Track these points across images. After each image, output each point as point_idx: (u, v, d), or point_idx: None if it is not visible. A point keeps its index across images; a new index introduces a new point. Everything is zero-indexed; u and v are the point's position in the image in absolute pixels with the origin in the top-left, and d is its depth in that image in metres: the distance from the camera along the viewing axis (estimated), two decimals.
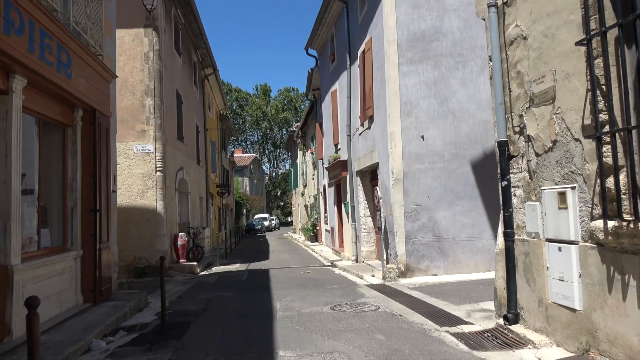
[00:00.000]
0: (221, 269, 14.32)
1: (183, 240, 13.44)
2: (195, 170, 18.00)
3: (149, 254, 12.67)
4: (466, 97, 9.86)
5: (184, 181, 15.76)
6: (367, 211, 13.07)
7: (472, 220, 9.74)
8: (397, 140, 9.71)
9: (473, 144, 9.82)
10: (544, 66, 4.76)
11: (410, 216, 9.65)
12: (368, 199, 13.10)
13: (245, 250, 22.56)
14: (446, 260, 9.67)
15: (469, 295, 7.50)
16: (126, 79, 12.92)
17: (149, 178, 12.80)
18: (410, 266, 9.61)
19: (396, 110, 9.75)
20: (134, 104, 12.91)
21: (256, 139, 69.69)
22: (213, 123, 26.44)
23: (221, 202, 28.61)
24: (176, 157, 14.52)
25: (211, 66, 21.52)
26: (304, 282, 10.07)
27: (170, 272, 12.66)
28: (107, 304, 7.57)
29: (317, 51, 19.60)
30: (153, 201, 12.77)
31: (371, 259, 12.92)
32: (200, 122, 20.25)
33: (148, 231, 12.70)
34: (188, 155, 16.65)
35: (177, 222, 14.23)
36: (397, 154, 9.70)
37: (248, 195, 53.20)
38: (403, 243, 9.62)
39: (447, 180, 9.74)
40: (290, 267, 13.60)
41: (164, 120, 13.12)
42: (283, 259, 16.67)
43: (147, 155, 12.86)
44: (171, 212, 13.54)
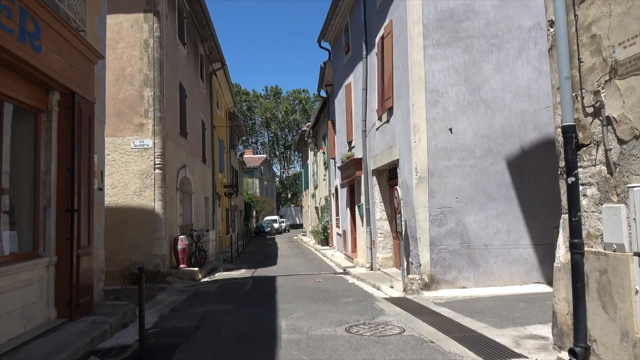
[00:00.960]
0: (225, 275, 13.24)
1: (183, 244, 12.39)
2: (200, 169, 16.98)
3: (146, 258, 11.63)
4: (501, 84, 8.66)
5: (186, 180, 14.73)
6: (383, 214, 11.90)
7: (507, 226, 8.53)
8: (422, 133, 8.55)
9: (509, 137, 8.61)
10: (636, 23, 3.58)
11: (436, 220, 8.47)
12: (385, 201, 11.93)
13: (253, 254, 21.49)
14: (477, 271, 8.46)
15: (511, 316, 6.30)
16: (124, 68, 11.93)
17: (147, 176, 11.77)
18: (436, 277, 8.43)
19: (421, 99, 8.59)
20: (131, 95, 11.91)
21: (266, 140, 68.85)
22: (221, 121, 25.47)
23: (229, 204, 27.61)
24: (178, 154, 13.50)
25: (219, 60, 20.53)
26: (314, 293, 8.93)
27: (168, 279, 11.61)
28: (85, 320, 6.51)
29: (331, 43, 18.50)
30: (151, 201, 11.74)
31: (388, 266, 11.74)
32: (207, 118, 19.25)
33: (145, 234, 11.67)
34: (192, 152, 15.62)
35: (178, 224, 13.19)
36: (422, 149, 8.53)
37: (258, 197, 52.23)
38: (427, 251, 8.43)
39: (478, 179, 8.55)
40: (299, 275, 12.47)
41: (164, 113, 12.10)
42: (292, 264, 15.56)
43: (145, 150, 11.83)
44: (171, 213, 12.50)
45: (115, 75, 11.92)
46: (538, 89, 8.61)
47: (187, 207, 15.13)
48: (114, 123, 11.86)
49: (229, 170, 28.24)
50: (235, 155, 32.92)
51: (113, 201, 11.70)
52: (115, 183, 11.75)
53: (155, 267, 11.64)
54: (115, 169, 11.78)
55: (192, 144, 15.72)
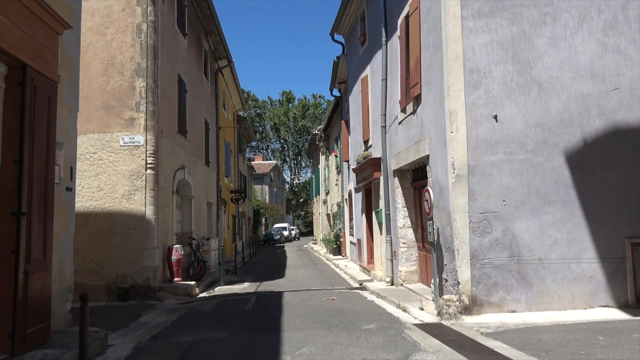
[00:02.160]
0: (225, 289, 11.73)
1: (179, 254, 10.92)
2: (202, 172, 15.57)
3: (135, 270, 10.19)
4: (557, 61, 7.10)
5: (185, 183, 13.30)
6: (407, 221, 10.33)
7: (567, 235, 6.92)
8: (460, 121, 7.00)
9: (567, 126, 7.03)
10: None
11: (478, 228, 6.90)
12: (409, 206, 10.36)
13: (260, 263, 19.98)
14: (529, 290, 6.85)
15: (593, 357, 4.70)
16: (114, 56, 10.57)
17: (138, 177, 10.36)
18: (478, 298, 6.84)
19: (458, 80, 7.06)
20: (122, 87, 10.54)
21: (277, 146, 67.62)
22: (228, 123, 24.12)
23: (236, 210, 26.19)
24: (175, 153, 12.08)
25: (225, 57, 19.22)
26: (327, 317, 7.38)
27: (160, 295, 10.13)
28: (33, 356, 5.04)
29: (344, 36, 17.05)
30: (141, 205, 10.31)
31: (412, 281, 10.16)
32: (211, 118, 17.88)
33: (134, 242, 10.23)
34: (193, 153, 14.22)
35: (174, 231, 11.74)
36: (460, 141, 6.99)
37: (267, 204, 50.81)
38: (467, 265, 6.85)
39: (530, 178, 6.97)
40: (309, 290, 10.92)
41: (158, 106, 10.70)
42: (301, 277, 14.01)
43: (135, 148, 10.43)
44: (165, 218, 11.06)
45: (103, 64, 10.57)
46: (603, 67, 7.03)
47: (186, 213, 13.70)
48: (101, 118, 10.51)
49: (236, 175, 26.85)
50: (244, 160, 31.54)
51: (99, 205, 10.30)
52: (101, 185, 10.35)
53: (145, 280, 10.18)
54: (102, 170, 10.39)
55: (193, 144, 14.32)
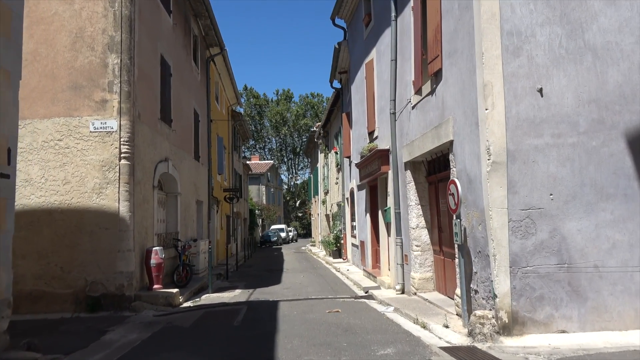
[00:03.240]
0: (214, 297, 10.34)
1: (158, 258, 9.53)
2: (190, 167, 14.19)
3: (106, 277, 8.81)
4: (616, 23, 5.76)
5: (170, 178, 11.92)
6: (420, 220, 8.98)
7: (630, 237, 5.58)
8: (497, 96, 5.66)
9: (630, 103, 5.69)
10: None
11: (520, 228, 5.55)
12: (423, 203, 9.01)
13: (255, 267, 18.59)
14: (583, 305, 5.51)
15: None
16: (83, 28, 9.19)
17: (110, 168, 8.98)
18: (520, 315, 5.48)
19: (494, 45, 5.72)
20: (92, 63, 9.16)
21: (275, 146, 66.20)
22: (222, 117, 22.74)
23: (231, 210, 24.80)
24: (157, 143, 10.70)
25: (217, 45, 17.85)
26: (332, 337, 6.01)
27: (136, 305, 8.75)
28: None
29: (346, 21, 15.71)
30: (114, 201, 8.93)
31: (427, 290, 8.80)
32: (201, 109, 16.50)
33: (106, 244, 8.85)
34: (179, 145, 12.84)
35: (155, 231, 10.36)
36: (497, 119, 5.64)
37: (264, 205, 49.41)
38: (506, 274, 5.50)
39: (583, 166, 5.63)
40: (309, 299, 9.54)
41: (135, 87, 9.33)
42: (300, 282, 12.63)
43: (108, 135, 9.05)
44: (143, 217, 9.67)
45: (71, 37, 9.19)
46: None
47: (171, 211, 12.33)
48: (68, 99, 9.12)
49: (231, 173, 25.47)
50: (239, 158, 30.13)
51: (65, 201, 8.91)
52: (68, 177, 8.97)
53: (119, 288, 8.80)
54: (68, 159, 9.00)
55: (180, 135, 12.95)
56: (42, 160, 8.98)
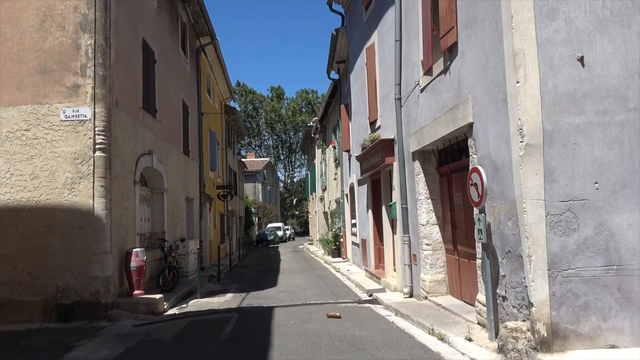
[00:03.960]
0: (202, 303, 9.39)
1: (139, 260, 8.58)
2: (179, 162, 13.24)
3: (80, 282, 7.87)
4: None
5: (155, 173, 10.97)
6: (431, 216, 8.07)
7: None
8: (530, 66, 4.74)
9: None
10: None
11: (559, 223, 4.64)
12: (433, 197, 8.10)
13: (250, 267, 17.64)
14: (637, 315, 4.60)
15: None
16: (52, 5, 8.23)
17: (84, 161, 8.03)
18: (561, 328, 4.57)
19: (525, 7, 4.79)
20: (63, 45, 8.20)
21: (271, 143, 65.15)
22: (215, 112, 21.78)
23: (225, 208, 23.83)
24: (138, 135, 9.74)
25: (208, 34, 16.89)
26: (335, 354, 5.10)
27: (112, 314, 7.80)
28: None
29: (344, 6, 14.79)
30: (89, 197, 7.98)
31: (439, 293, 7.89)
32: (191, 101, 15.54)
33: (80, 246, 7.91)
34: (166, 138, 11.89)
35: (135, 231, 9.40)
36: (531, 94, 4.72)
37: (260, 203, 48.43)
38: (544, 278, 4.59)
39: (635, 149, 4.72)
40: (307, 305, 8.62)
41: (111, 71, 8.38)
42: (297, 285, 11.70)
43: (81, 124, 8.10)
44: (122, 215, 8.72)
45: (39, 16, 8.22)
46: None
47: (157, 209, 11.38)
48: (36, 85, 8.16)
49: (225, 170, 24.51)
50: (234, 155, 29.15)
51: (33, 198, 7.96)
52: (36, 172, 8.01)
53: (94, 295, 7.86)
54: (37, 151, 8.04)
55: (166, 127, 11.99)
56: (6, 152, 8.02)
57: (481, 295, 5.77)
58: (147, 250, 10.17)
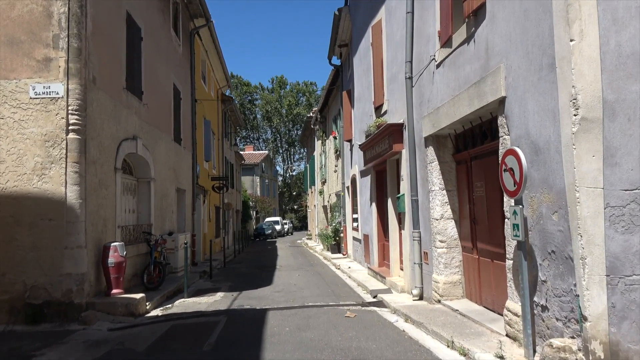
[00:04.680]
0: (189, 303, 8.49)
1: (118, 256, 7.67)
2: (168, 149, 12.31)
3: (51, 280, 6.98)
4: None
5: (140, 160, 10.05)
6: (446, 209, 7.16)
7: None
8: (587, 20, 3.82)
9: None
10: None
11: (622, 217, 3.75)
12: (449, 188, 7.19)
13: (245, 263, 16.76)
14: None
15: None
16: None
17: (55, 144, 7.11)
18: (622, 348, 3.69)
19: None
20: (33, 13, 7.25)
21: (269, 136, 64.11)
22: (211, 101, 20.83)
23: (221, 201, 22.92)
24: (120, 117, 8.81)
25: (203, 16, 15.92)
26: None
27: (86, 316, 6.90)
28: None
29: None
30: (60, 185, 7.07)
31: (454, 296, 7.00)
32: (184, 86, 14.59)
33: (50, 239, 7.00)
34: (154, 123, 10.96)
35: (116, 223, 8.49)
36: (587, 55, 3.81)
37: (258, 196, 47.51)
38: (602, 286, 3.70)
39: None
40: (305, 307, 7.72)
41: (88, 44, 7.43)
42: (294, 283, 10.81)
43: (52, 102, 7.17)
44: (100, 205, 7.81)
45: None
46: None
47: (143, 199, 10.46)
48: (2, 58, 7.28)
49: (221, 161, 23.58)
50: (230, 146, 28.18)
51: None
52: (2, 155, 7.10)
53: (66, 294, 6.97)
54: (2, 132, 7.13)
55: (154, 111, 11.06)
56: None
57: (512, 303, 4.88)
58: (131, 244, 9.29)
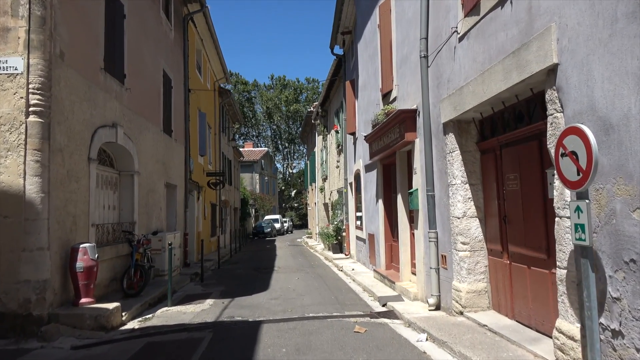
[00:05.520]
0: (173, 313, 7.47)
1: (89, 259, 6.65)
2: (156, 141, 11.29)
3: (5, 288, 5.98)
4: None
5: (122, 151, 9.04)
6: (469, 206, 6.13)
7: None
8: None
9: None
10: None
11: None
12: (473, 181, 6.16)
13: (241, 264, 15.74)
14: None
15: None
16: None
17: (12, 127, 6.10)
18: None
19: None
20: None
21: (269, 133, 63.00)
22: (207, 93, 19.81)
23: (217, 198, 21.92)
24: (97, 100, 7.78)
25: (197, 0, 14.88)
26: None
27: (47, 330, 5.88)
28: None
29: None
30: (18, 176, 6.06)
31: (479, 307, 5.98)
32: (176, 75, 13.57)
33: (5, 240, 6.01)
34: (139, 111, 9.94)
35: (90, 221, 7.46)
36: None
37: (258, 194, 46.45)
38: None
39: None
40: (305, 319, 6.70)
41: (54, 13, 6.41)
42: (294, 288, 9.78)
43: (9, 79, 6.15)
44: (69, 200, 6.79)
45: None
46: None
47: (126, 195, 9.45)
48: None
49: (218, 157, 22.56)
50: (228, 142, 27.13)
51: None
52: None
53: (24, 305, 5.95)
54: None
55: (140, 97, 10.04)
56: None
57: (565, 323, 3.86)
58: (110, 245, 8.28)
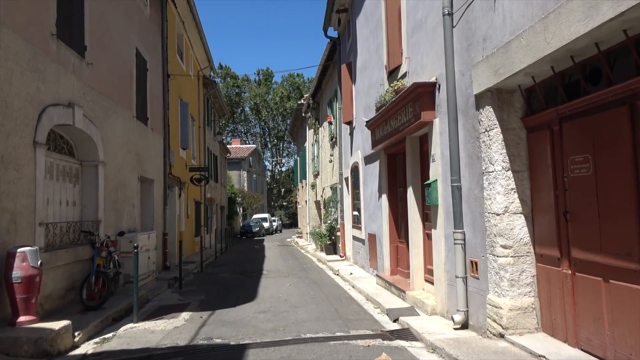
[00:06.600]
0: (137, 332, 6.05)
1: (28, 268, 5.22)
2: (128, 128, 9.84)
3: None
4: None
5: (82, 137, 7.60)
6: (513, 199, 4.82)
7: None
8: None
9: None
10: None
11: None
12: (517, 167, 4.85)
13: (226, 266, 14.32)
14: None
15: None
16: None
17: None
18: None
19: None
20: None
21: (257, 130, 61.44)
22: (190, 81, 18.36)
23: (202, 195, 20.46)
24: (46, 73, 6.34)
25: None
26: None
27: None
28: None
29: None
30: None
31: (525, 329, 4.68)
32: (152, 56, 12.13)
33: None
34: (104, 91, 8.49)
35: (36, 219, 6.02)
36: None
37: (246, 192, 44.95)
38: None
39: None
40: (300, 342, 5.35)
41: None
42: (285, 298, 8.41)
43: None
44: (4, 194, 5.34)
45: None
46: None
47: (89, 189, 8.02)
48: None
49: (202, 151, 21.09)
50: (214, 136, 25.63)
51: None
52: None
53: None
54: None
55: (104, 75, 8.59)
56: None
57: None
58: (67, 247, 6.86)
